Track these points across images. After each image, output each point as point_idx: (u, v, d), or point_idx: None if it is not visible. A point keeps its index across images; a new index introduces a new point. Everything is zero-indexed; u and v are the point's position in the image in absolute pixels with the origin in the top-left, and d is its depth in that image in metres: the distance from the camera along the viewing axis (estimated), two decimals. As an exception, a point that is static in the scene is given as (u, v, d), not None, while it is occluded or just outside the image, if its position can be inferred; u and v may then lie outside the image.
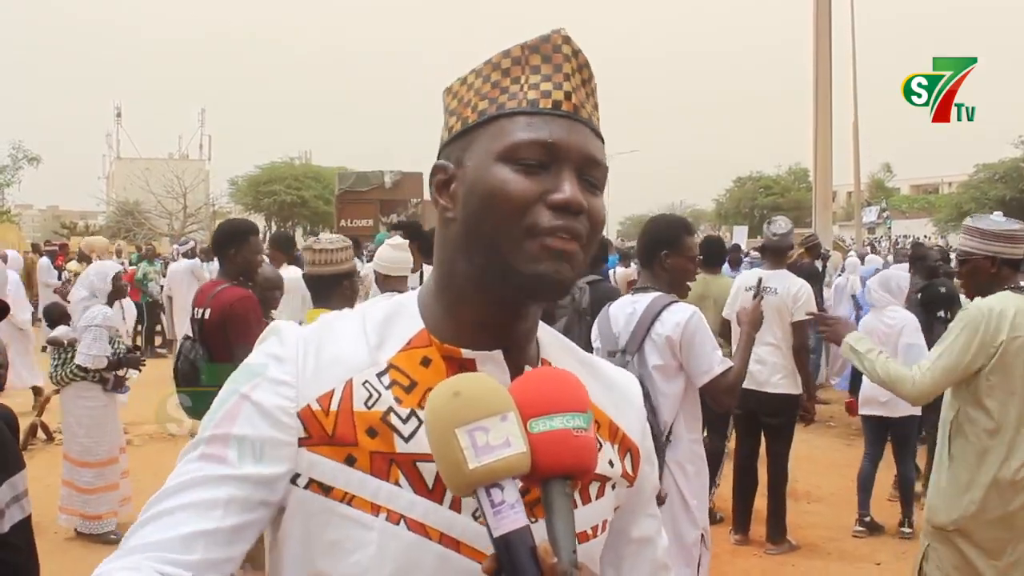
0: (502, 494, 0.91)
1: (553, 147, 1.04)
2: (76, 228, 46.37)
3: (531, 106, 1.06)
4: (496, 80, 1.09)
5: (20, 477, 2.46)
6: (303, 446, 1.03)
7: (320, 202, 48.99)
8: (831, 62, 17.69)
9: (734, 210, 58.91)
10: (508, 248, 1.04)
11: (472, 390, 0.95)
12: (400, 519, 1.02)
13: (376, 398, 1.05)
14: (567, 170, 1.05)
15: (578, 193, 1.04)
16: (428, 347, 1.09)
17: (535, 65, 1.08)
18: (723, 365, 3.52)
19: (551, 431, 0.95)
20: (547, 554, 0.90)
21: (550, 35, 1.10)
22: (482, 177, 1.05)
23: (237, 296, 4.64)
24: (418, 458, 1.03)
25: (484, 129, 1.08)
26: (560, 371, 1.05)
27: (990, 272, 3.42)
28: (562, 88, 1.07)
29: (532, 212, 1.03)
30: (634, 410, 1.26)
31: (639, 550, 1.28)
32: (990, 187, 46.07)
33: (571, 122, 1.07)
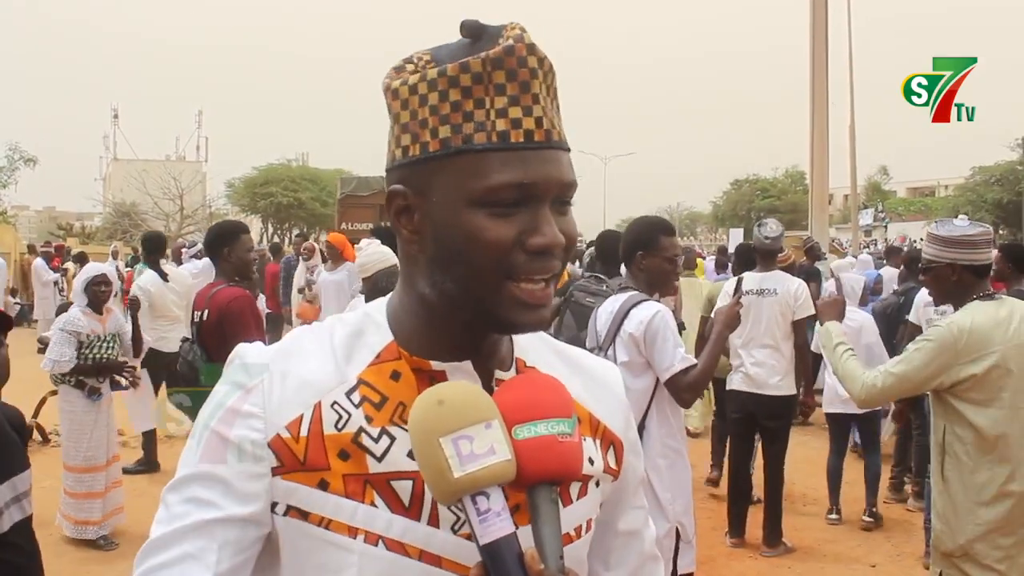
0: (488, 502, 0.91)
1: (528, 187, 0.99)
2: (72, 229, 46.27)
3: (502, 140, 0.99)
4: (456, 101, 1.00)
5: (22, 478, 2.48)
6: (276, 475, 1.02)
7: (317, 204, 48.97)
8: (827, 65, 17.71)
9: (731, 212, 58.96)
10: (484, 294, 1.01)
11: (456, 398, 0.94)
12: (378, 539, 1.01)
13: (346, 419, 1.03)
14: (543, 207, 1.01)
15: (556, 233, 1.01)
16: (398, 360, 1.08)
17: (499, 84, 0.99)
18: (684, 362, 3.56)
19: (536, 437, 0.95)
20: (534, 561, 0.90)
21: (513, 45, 1.00)
22: (453, 222, 1.00)
23: (233, 296, 4.69)
24: (392, 477, 1.02)
25: (450, 162, 1.00)
26: (544, 376, 1.05)
27: (951, 280, 3.34)
28: (532, 113, 1.00)
29: (509, 257, 1.00)
30: (616, 400, 1.24)
31: (627, 542, 1.27)
32: (986, 190, 46.13)
33: (545, 152, 1.01)
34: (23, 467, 2.54)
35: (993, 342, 3.16)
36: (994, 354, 3.14)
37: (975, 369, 3.15)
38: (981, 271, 3.34)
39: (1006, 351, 3.15)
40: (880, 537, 6.21)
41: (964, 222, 3.49)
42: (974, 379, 3.16)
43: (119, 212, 46.90)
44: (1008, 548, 3.17)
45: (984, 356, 3.15)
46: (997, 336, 3.17)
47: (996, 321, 3.20)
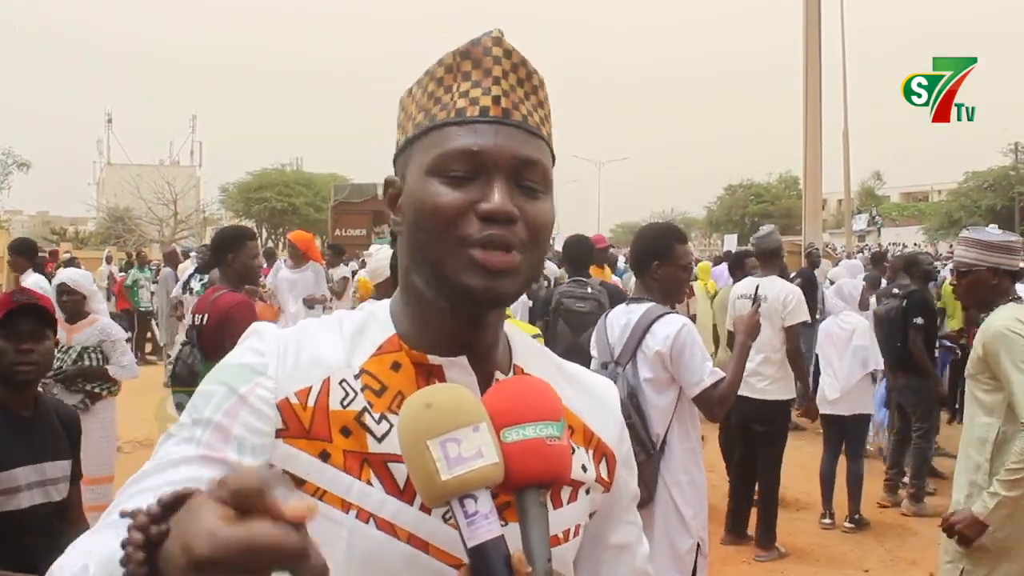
0: (476, 504, 0.91)
1: (479, 155, 1.04)
2: (66, 234, 46.20)
3: (459, 115, 1.06)
4: (431, 91, 1.10)
5: (53, 466, 2.72)
6: (280, 437, 1.03)
7: (311, 209, 49.00)
8: (820, 70, 17.79)
9: (725, 218, 59.10)
10: (442, 259, 1.04)
11: (444, 401, 0.95)
12: (369, 517, 1.02)
13: (352, 398, 1.06)
14: (497, 178, 1.04)
15: (507, 201, 1.03)
16: (398, 352, 1.10)
17: (466, 71, 1.08)
18: (713, 376, 3.50)
19: (524, 440, 0.95)
20: (522, 563, 0.90)
21: (480, 38, 1.09)
22: (415, 191, 1.06)
23: (235, 301, 4.70)
24: (390, 459, 1.03)
25: (419, 143, 1.08)
26: (533, 379, 1.06)
27: (991, 284, 3.39)
28: (490, 93, 1.06)
29: (462, 223, 1.03)
30: (611, 415, 1.25)
31: (617, 556, 1.27)
32: (980, 195, 46.38)
33: (499, 127, 1.05)
34: (57, 457, 2.75)
35: None
36: None
37: None
38: (1015, 276, 3.43)
39: None
40: (873, 542, 6.23)
41: (996, 230, 3.56)
42: None
43: (113, 217, 46.82)
44: None
45: None
46: None
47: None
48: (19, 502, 2.62)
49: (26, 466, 2.66)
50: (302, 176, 53.85)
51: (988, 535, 3.17)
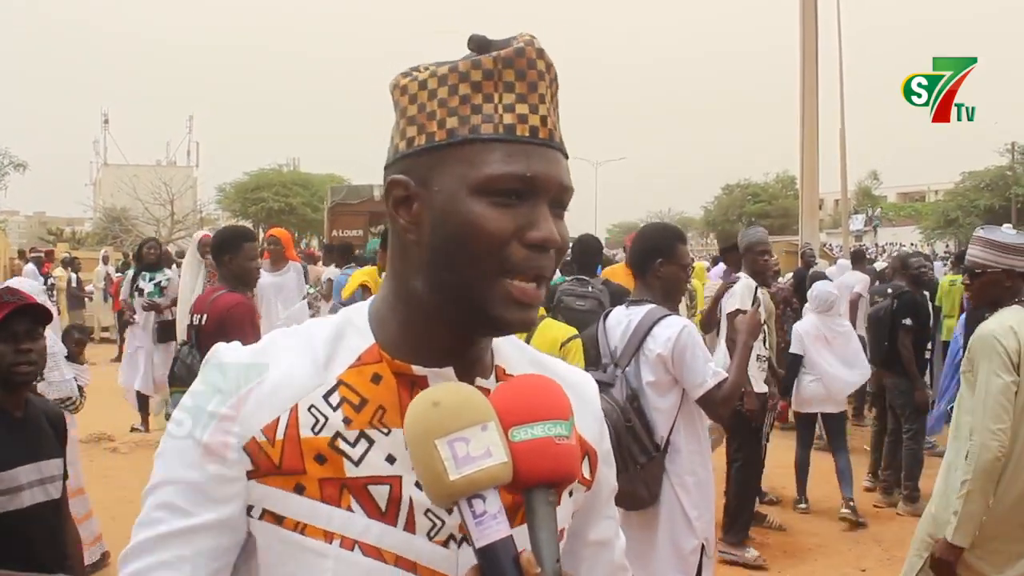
0: (484, 504, 0.91)
1: (532, 181, 1.01)
2: (63, 235, 46.10)
3: (508, 132, 1.01)
4: (466, 94, 1.02)
5: (49, 464, 2.75)
6: (252, 479, 1.02)
7: (308, 209, 48.87)
8: (817, 69, 17.79)
9: (722, 217, 59.06)
10: (479, 287, 1.01)
11: (452, 400, 0.94)
12: (354, 544, 1.01)
13: (323, 423, 1.03)
14: (543, 204, 1.02)
15: (554, 230, 1.02)
16: (379, 363, 1.07)
17: (509, 81, 1.02)
18: (716, 378, 3.48)
19: (532, 440, 0.95)
20: (530, 564, 0.90)
21: (524, 48, 1.03)
22: (455, 209, 1.01)
23: (234, 302, 4.70)
24: (369, 481, 1.02)
25: (455, 152, 1.02)
26: (541, 378, 1.05)
27: (1005, 285, 3.40)
28: (538, 112, 1.03)
29: (506, 248, 1.00)
30: (590, 411, 1.23)
31: (597, 552, 1.27)
32: (977, 195, 46.37)
33: (547, 150, 1.03)
34: (52, 455, 2.79)
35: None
36: None
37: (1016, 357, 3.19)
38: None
39: None
40: (870, 541, 6.23)
41: (1011, 230, 3.56)
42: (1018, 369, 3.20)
43: (109, 217, 46.67)
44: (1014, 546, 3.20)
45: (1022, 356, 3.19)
46: None
47: None
48: (21, 501, 2.65)
49: (26, 465, 2.69)
50: (299, 176, 53.71)
51: None
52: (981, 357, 3.24)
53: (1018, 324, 3.24)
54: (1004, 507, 3.20)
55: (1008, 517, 3.20)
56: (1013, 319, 3.26)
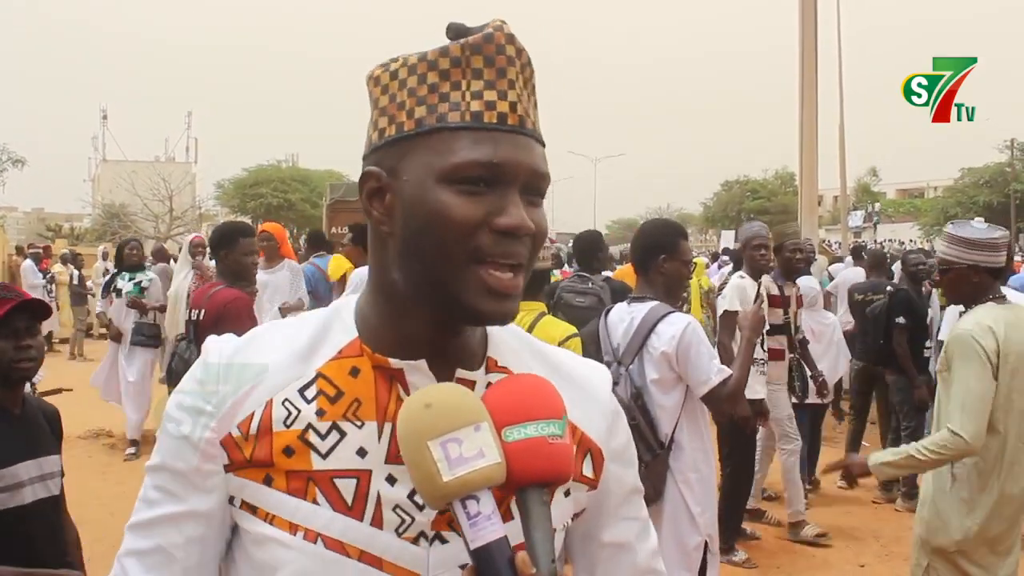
0: (478, 505, 0.91)
1: (499, 167, 0.99)
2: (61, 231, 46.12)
3: (475, 120, 1.00)
4: (434, 83, 1.02)
5: (48, 460, 2.76)
6: (229, 472, 1.05)
7: (307, 205, 48.82)
8: (816, 66, 17.76)
9: (721, 214, 59.07)
10: (450, 276, 1.00)
11: (444, 401, 0.94)
12: (317, 537, 1.01)
13: (295, 416, 1.04)
14: (513, 191, 1.01)
15: (524, 216, 1.00)
16: (359, 357, 1.07)
17: (477, 68, 1.01)
18: (721, 374, 3.48)
19: (525, 439, 0.94)
20: (525, 564, 0.89)
21: (492, 33, 1.02)
22: (422, 198, 1.00)
23: (231, 297, 4.72)
24: (336, 474, 1.03)
25: (423, 141, 1.01)
26: (533, 378, 1.04)
27: (972, 282, 3.34)
28: (507, 98, 1.01)
29: (475, 236, 0.99)
30: (598, 406, 1.20)
31: (614, 555, 1.23)
32: (976, 192, 46.36)
33: (517, 136, 1.01)
34: (51, 451, 2.81)
35: (1010, 342, 3.18)
36: (1009, 355, 3.17)
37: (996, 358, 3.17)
38: (998, 273, 3.37)
39: (1021, 354, 3.19)
40: (869, 537, 6.23)
41: (982, 224, 3.46)
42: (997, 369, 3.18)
43: (108, 213, 46.72)
44: (1002, 546, 3.21)
45: (1002, 350, 3.17)
46: (1013, 336, 3.20)
47: (1008, 322, 3.23)
48: (23, 497, 2.65)
49: (27, 461, 2.69)
50: (298, 172, 53.64)
51: (947, 537, 3.22)
52: (957, 357, 3.22)
53: (995, 322, 3.21)
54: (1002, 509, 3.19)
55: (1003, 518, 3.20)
56: (989, 317, 3.24)
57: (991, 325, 3.19)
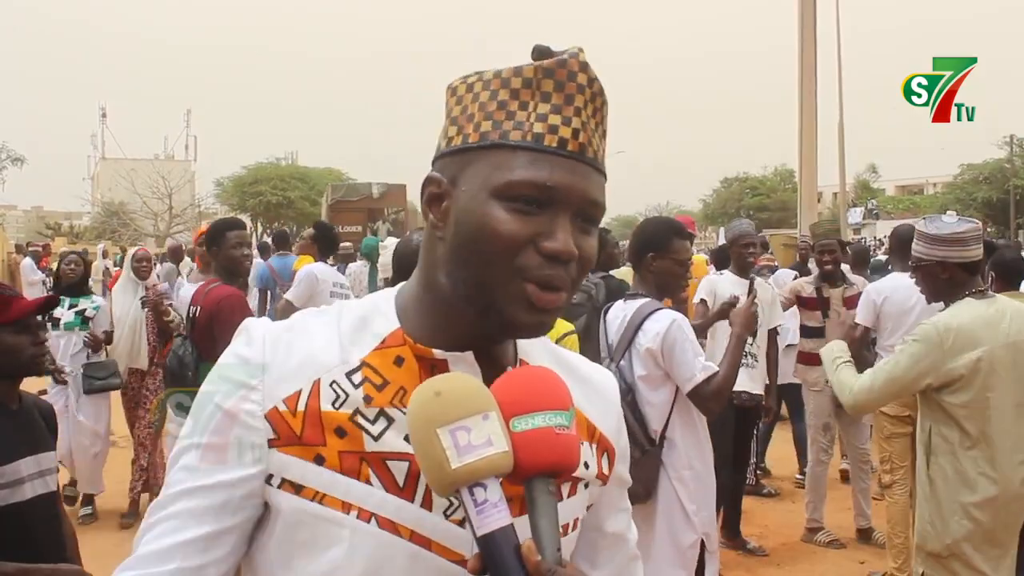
0: (485, 493, 0.92)
1: (552, 190, 1.01)
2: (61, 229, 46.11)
3: (535, 141, 1.02)
4: (503, 100, 1.04)
5: (46, 456, 2.79)
6: (273, 447, 1.04)
7: (306, 203, 48.86)
8: (816, 63, 17.78)
9: (721, 211, 59.08)
10: (494, 286, 1.02)
11: (454, 389, 0.95)
12: (371, 517, 1.02)
13: (343, 399, 1.05)
14: (563, 215, 1.02)
15: (571, 242, 1.02)
16: (402, 346, 1.09)
17: (546, 92, 1.03)
18: (706, 371, 3.45)
19: (533, 429, 0.95)
20: (531, 552, 0.91)
21: (567, 59, 1.04)
22: (474, 209, 1.02)
23: (225, 294, 4.72)
24: (388, 456, 1.04)
25: (483, 154, 1.03)
26: (542, 369, 1.05)
27: (942, 278, 3.29)
28: (571, 124, 1.03)
29: (522, 254, 1.01)
30: (611, 408, 1.26)
31: (613, 543, 1.29)
32: (975, 188, 46.35)
33: (574, 163, 1.03)
34: (47, 447, 2.83)
35: (981, 341, 3.13)
36: (982, 353, 3.12)
37: (962, 368, 3.13)
38: (972, 268, 3.29)
39: (994, 350, 3.13)
40: (870, 534, 6.24)
41: (953, 218, 3.39)
42: (962, 379, 3.14)
43: (108, 211, 46.80)
44: (994, 548, 3.18)
45: (971, 355, 3.12)
46: (985, 335, 3.14)
47: (985, 319, 3.18)
48: (23, 493, 2.67)
49: (27, 458, 2.71)
50: (297, 170, 53.68)
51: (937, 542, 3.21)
52: (913, 337, 3.25)
53: (965, 321, 3.18)
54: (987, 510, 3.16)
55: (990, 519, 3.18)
56: (962, 315, 3.20)
57: (959, 325, 3.16)
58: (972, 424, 3.14)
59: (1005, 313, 3.21)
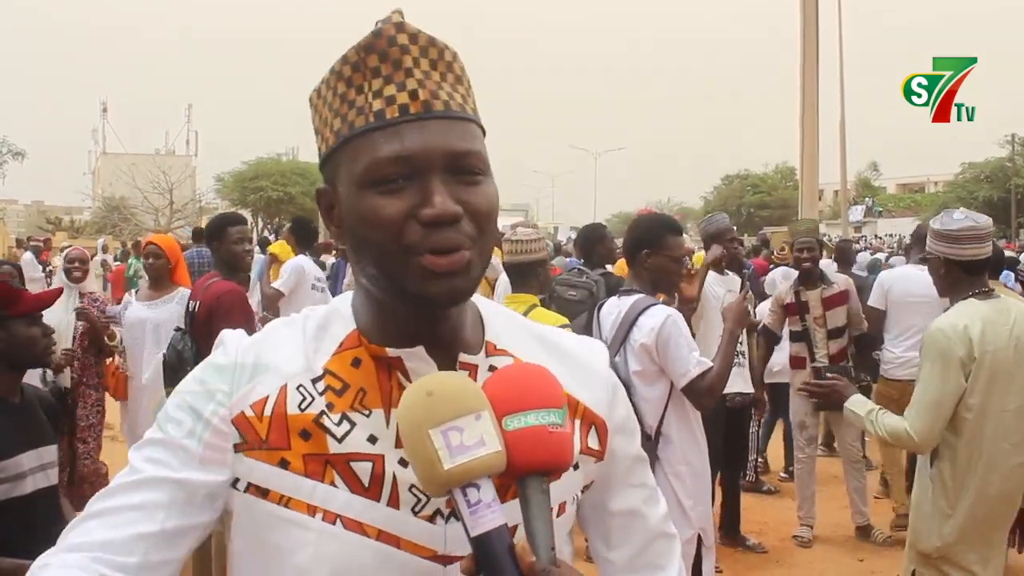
0: (478, 493, 0.91)
1: (410, 159, 1.00)
2: (61, 223, 46.11)
3: (378, 118, 1.01)
4: (343, 92, 1.04)
5: (48, 450, 2.80)
6: (239, 451, 1.05)
7: (307, 198, 48.72)
8: (818, 61, 17.78)
9: (721, 208, 58.95)
10: (394, 271, 1.02)
11: (445, 389, 0.94)
12: (336, 518, 1.02)
13: (309, 401, 1.05)
14: (433, 178, 1.00)
15: (448, 202, 0.99)
16: (358, 348, 1.09)
17: (374, 67, 1.02)
18: (700, 367, 3.46)
19: (526, 428, 0.95)
20: (525, 552, 0.90)
21: (381, 28, 1.03)
22: (353, 205, 1.03)
23: (224, 289, 4.70)
24: (352, 458, 1.04)
25: (343, 151, 1.04)
26: (533, 367, 1.04)
27: (940, 274, 3.29)
28: (405, 88, 1.01)
29: (406, 232, 1.00)
30: (600, 380, 1.22)
31: (625, 522, 1.26)
32: (976, 186, 46.30)
33: (425, 123, 1.01)
34: (49, 441, 2.85)
35: (986, 342, 3.11)
36: (986, 354, 3.10)
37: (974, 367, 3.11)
38: (970, 267, 3.25)
39: (998, 352, 3.11)
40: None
41: (961, 215, 3.34)
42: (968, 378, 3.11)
43: (108, 206, 46.73)
44: (983, 550, 3.17)
45: (978, 356, 3.10)
46: (990, 336, 3.12)
47: (989, 320, 3.15)
48: (24, 487, 2.68)
49: (29, 452, 2.71)
50: (298, 166, 53.58)
51: (929, 543, 3.20)
52: (925, 355, 3.19)
53: (971, 321, 3.14)
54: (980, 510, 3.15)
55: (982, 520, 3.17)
56: (966, 315, 3.17)
57: (967, 324, 3.12)
58: (974, 425, 3.12)
59: (1010, 314, 3.19)
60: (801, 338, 5.92)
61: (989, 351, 3.11)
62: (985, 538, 3.19)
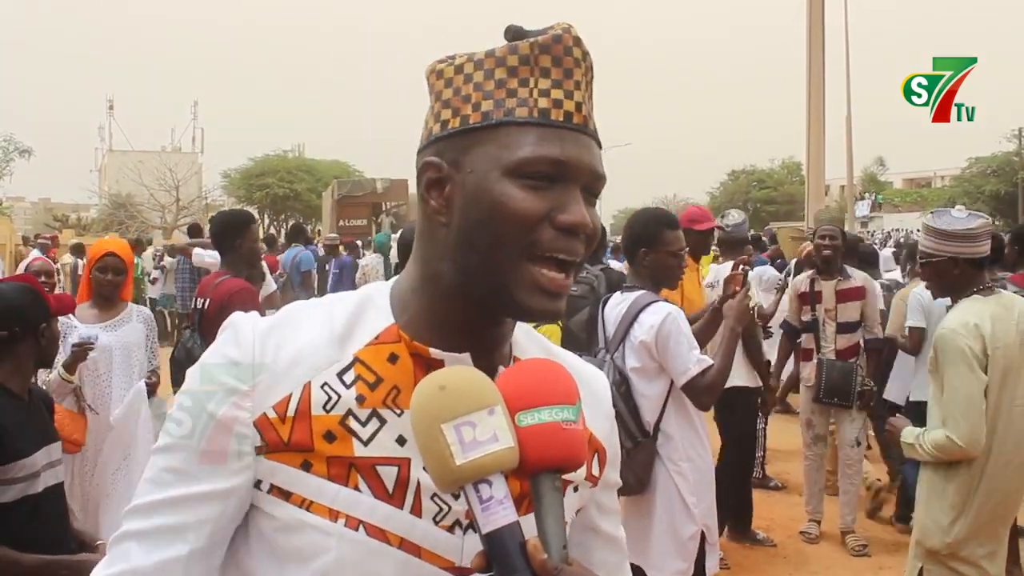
0: (490, 490, 0.90)
1: (564, 164, 1.01)
2: (68, 221, 46.18)
3: (543, 116, 1.01)
4: (501, 79, 1.03)
5: (54, 447, 2.82)
6: (260, 454, 1.02)
7: (313, 195, 48.82)
8: (824, 56, 17.73)
9: (728, 203, 58.89)
10: (506, 268, 1.01)
11: (458, 384, 0.93)
12: (359, 524, 1.00)
13: (335, 401, 1.02)
14: (575, 188, 1.02)
15: (585, 214, 1.01)
16: (397, 343, 1.06)
17: (545, 67, 1.03)
18: (700, 365, 3.43)
19: (539, 424, 0.93)
20: (536, 550, 0.89)
21: (561, 35, 1.04)
22: (487, 189, 1.00)
23: (237, 287, 4.64)
24: (378, 462, 1.02)
25: (489, 134, 1.02)
26: (548, 362, 1.03)
27: (953, 274, 3.25)
28: (572, 98, 1.03)
29: (536, 230, 1.00)
30: (602, 408, 1.24)
31: (607, 545, 1.29)
32: (983, 181, 46.19)
33: (580, 136, 1.03)
34: (54, 438, 2.86)
35: (996, 338, 3.10)
36: (998, 351, 3.09)
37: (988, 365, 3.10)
38: (982, 263, 3.26)
39: (1008, 347, 3.11)
40: (878, 528, 6.22)
41: (962, 213, 3.33)
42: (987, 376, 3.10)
43: (115, 203, 46.76)
44: (992, 544, 3.17)
45: (990, 352, 3.09)
46: (999, 332, 3.12)
47: (995, 316, 3.14)
48: (37, 485, 2.68)
49: (40, 449, 2.72)
50: (304, 163, 53.68)
51: (940, 541, 3.18)
52: (945, 359, 3.15)
53: (980, 318, 3.12)
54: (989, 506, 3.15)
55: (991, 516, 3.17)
56: (974, 312, 3.15)
57: (977, 322, 3.11)
58: (988, 419, 3.11)
59: (1013, 309, 3.19)
60: (808, 328, 5.84)
61: (1000, 347, 3.10)
62: (993, 533, 3.18)
